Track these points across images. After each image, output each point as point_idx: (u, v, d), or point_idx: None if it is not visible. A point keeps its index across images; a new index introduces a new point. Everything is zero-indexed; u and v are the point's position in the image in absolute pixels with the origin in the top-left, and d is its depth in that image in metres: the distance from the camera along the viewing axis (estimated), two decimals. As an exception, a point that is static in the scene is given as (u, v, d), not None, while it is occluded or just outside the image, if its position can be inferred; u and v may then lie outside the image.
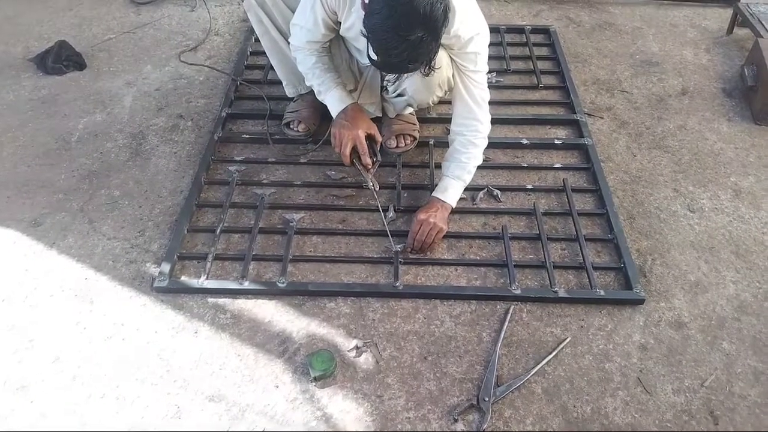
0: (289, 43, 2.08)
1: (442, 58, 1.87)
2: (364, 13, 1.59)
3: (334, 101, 2.01)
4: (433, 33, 1.54)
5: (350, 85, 2.15)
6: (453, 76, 1.96)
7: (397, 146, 2.23)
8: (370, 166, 1.99)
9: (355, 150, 1.98)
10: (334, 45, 2.06)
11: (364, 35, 1.59)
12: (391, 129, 2.24)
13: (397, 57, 1.57)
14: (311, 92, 2.14)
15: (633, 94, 2.64)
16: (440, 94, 2.10)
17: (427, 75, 1.73)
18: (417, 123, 2.29)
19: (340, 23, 1.89)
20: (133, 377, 1.62)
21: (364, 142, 1.96)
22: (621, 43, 2.95)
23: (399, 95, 2.14)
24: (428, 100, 2.15)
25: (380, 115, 2.27)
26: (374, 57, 1.64)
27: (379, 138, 2.04)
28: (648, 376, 1.65)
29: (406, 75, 1.99)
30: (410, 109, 2.25)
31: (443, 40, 1.79)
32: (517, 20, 3.08)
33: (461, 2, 1.75)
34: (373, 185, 2.00)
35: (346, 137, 1.95)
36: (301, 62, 2.04)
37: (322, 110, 2.18)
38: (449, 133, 2.05)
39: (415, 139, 2.26)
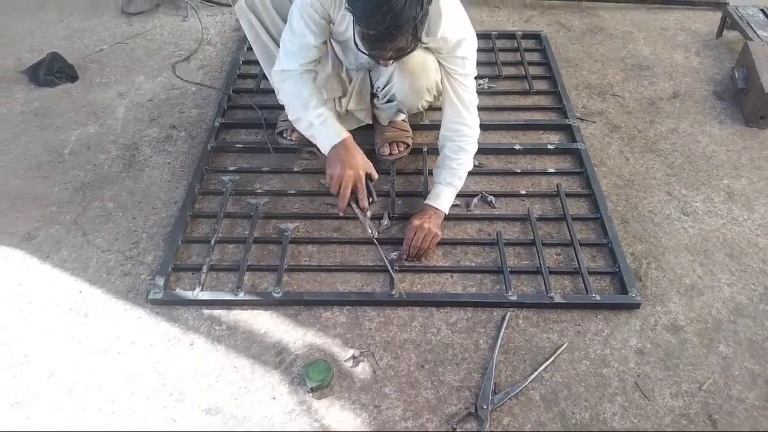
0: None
1: (430, 61, 1.89)
2: None
3: (329, 135, 1.86)
4: None
5: (339, 92, 2.13)
6: (442, 81, 1.96)
7: (390, 153, 2.23)
8: (367, 209, 1.87)
9: (352, 191, 1.84)
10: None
11: (347, 9, 1.59)
12: (384, 136, 2.24)
13: (380, 23, 1.53)
14: None
15: (625, 98, 2.65)
16: (429, 98, 2.08)
17: (414, 49, 1.68)
18: (410, 130, 2.29)
19: (332, 24, 1.87)
20: (129, 391, 1.61)
21: (364, 184, 1.84)
22: (612, 48, 2.97)
23: (389, 101, 2.13)
24: (417, 105, 2.12)
25: (370, 122, 2.26)
26: (360, 43, 1.64)
27: (376, 176, 1.90)
28: (646, 380, 1.65)
29: (395, 79, 1.99)
30: (402, 116, 2.25)
31: (432, 44, 1.81)
32: (508, 26, 3.09)
33: (448, 7, 1.76)
34: (371, 231, 1.90)
35: (347, 178, 1.80)
36: (289, 91, 1.91)
37: None
38: (439, 139, 2.05)
39: (408, 146, 2.26)
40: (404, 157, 2.26)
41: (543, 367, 1.67)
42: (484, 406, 1.56)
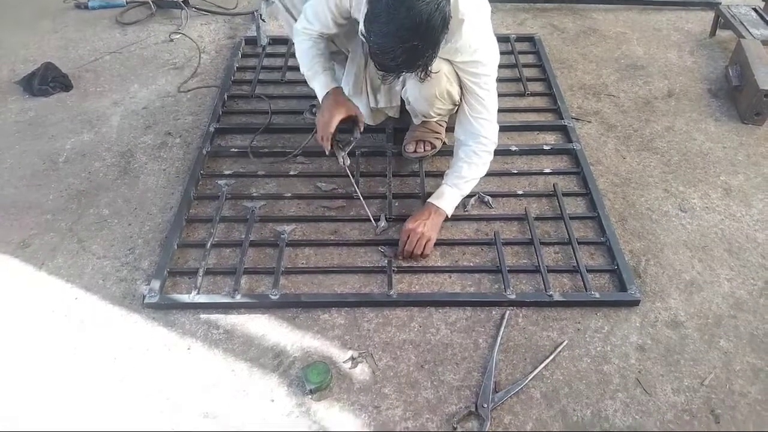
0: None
1: (442, 69, 1.87)
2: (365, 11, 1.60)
3: (320, 87, 1.97)
4: (428, 42, 1.55)
5: (367, 89, 2.15)
6: (461, 93, 1.95)
7: (414, 151, 2.23)
8: (329, 146, 1.96)
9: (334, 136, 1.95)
10: (352, 49, 2.05)
11: (362, 35, 1.60)
12: (413, 135, 2.25)
13: (392, 61, 1.58)
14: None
15: (620, 97, 2.66)
16: (441, 106, 2.05)
17: (423, 81, 1.74)
18: (442, 132, 2.27)
19: (351, 19, 1.89)
20: (126, 396, 1.59)
21: (334, 128, 1.92)
22: (606, 48, 2.98)
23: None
24: (428, 111, 2.09)
25: (397, 117, 2.29)
26: (372, 63, 1.67)
27: (362, 118, 2.00)
28: (647, 376, 1.64)
29: (408, 84, 2.01)
30: (436, 117, 2.20)
31: (449, 56, 1.81)
32: (501, 29, 3.10)
33: (471, 16, 1.74)
34: (343, 161, 1.99)
35: (326, 121, 1.91)
36: (297, 45, 2.02)
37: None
38: (455, 143, 2.04)
39: (434, 146, 2.25)
40: (430, 156, 2.26)
41: (543, 364, 1.65)
42: (485, 405, 1.55)
